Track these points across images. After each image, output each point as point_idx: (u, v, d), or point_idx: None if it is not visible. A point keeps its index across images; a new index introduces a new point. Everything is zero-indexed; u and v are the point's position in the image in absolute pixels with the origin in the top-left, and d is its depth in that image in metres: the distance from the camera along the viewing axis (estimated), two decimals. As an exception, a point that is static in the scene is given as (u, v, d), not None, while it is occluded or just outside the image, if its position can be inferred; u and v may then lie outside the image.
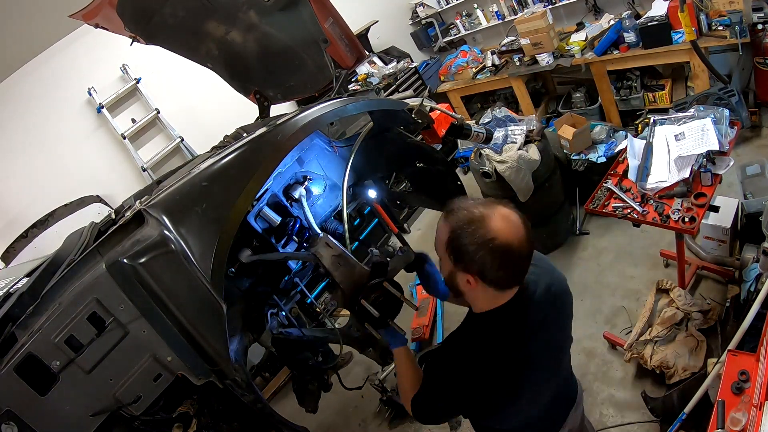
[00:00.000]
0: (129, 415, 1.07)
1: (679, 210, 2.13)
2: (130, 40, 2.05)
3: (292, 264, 1.63)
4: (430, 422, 1.33)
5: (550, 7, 4.35)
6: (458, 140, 4.36)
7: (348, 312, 1.63)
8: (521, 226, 1.02)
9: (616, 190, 2.36)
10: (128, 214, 1.15)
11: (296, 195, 1.55)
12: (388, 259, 1.39)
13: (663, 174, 2.27)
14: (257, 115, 2.30)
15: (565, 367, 1.38)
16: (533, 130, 3.10)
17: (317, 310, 1.79)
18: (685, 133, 2.28)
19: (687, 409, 1.84)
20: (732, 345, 1.72)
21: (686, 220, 2.08)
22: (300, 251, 1.58)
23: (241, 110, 2.76)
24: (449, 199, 1.12)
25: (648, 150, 2.37)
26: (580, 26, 4.33)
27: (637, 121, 3.27)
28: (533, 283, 1.16)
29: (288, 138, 1.26)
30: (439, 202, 2.05)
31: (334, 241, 1.41)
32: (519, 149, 2.97)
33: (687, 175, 2.18)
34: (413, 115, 1.62)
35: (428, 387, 1.22)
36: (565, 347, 1.33)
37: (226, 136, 2.08)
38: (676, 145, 2.28)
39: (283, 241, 1.54)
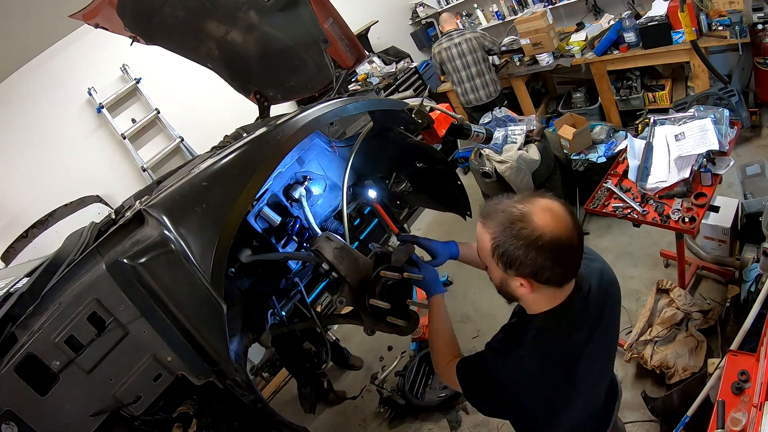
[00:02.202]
0: (129, 415, 1.07)
1: (679, 210, 2.13)
2: (130, 40, 2.05)
3: (292, 264, 1.62)
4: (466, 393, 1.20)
5: (550, 7, 4.36)
6: (458, 140, 4.36)
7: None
8: (565, 215, 0.95)
9: (616, 190, 2.36)
10: (128, 214, 1.15)
11: (296, 195, 1.55)
12: (391, 251, 1.39)
13: (663, 174, 2.27)
14: (257, 115, 2.30)
15: (613, 362, 1.33)
16: (533, 130, 3.10)
17: (317, 309, 1.79)
18: (685, 133, 2.28)
19: (690, 412, 1.84)
20: (733, 346, 1.72)
21: (686, 220, 2.08)
22: (300, 251, 1.58)
23: (241, 110, 2.76)
24: (490, 201, 1.04)
25: (648, 150, 2.37)
26: (580, 26, 4.34)
27: (637, 121, 3.27)
28: (586, 274, 1.09)
29: (288, 138, 1.25)
30: (439, 202, 2.05)
31: (335, 235, 1.40)
32: (519, 149, 2.97)
33: (687, 175, 2.18)
34: (413, 115, 1.62)
35: (480, 369, 1.13)
36: (617, 338, 1.26)
37: (226, 136, 2.08)
38: (676, 145, 2.28)
39: (283, 241, 1.54)
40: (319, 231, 1.52)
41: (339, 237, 1.40)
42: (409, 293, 1.35)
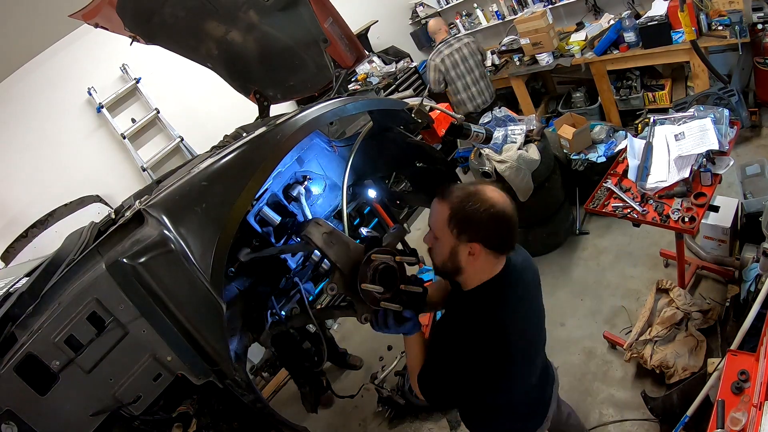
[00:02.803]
0: (129, 414, 1.07)
1: (679, 210, 2.13)
2: (130, 40, 2.05)
3: (292, 264, 1.63)
4: (437, 402, 1.41)
5: (550, 6, 4.35)
6: (458, 140, 4.36)
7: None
8: (508, 198, 1.17)
9: (616, 190, 2.36)
10: (128, 213, 1.15)
11: (296, 194, 1.55)
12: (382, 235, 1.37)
13: (663, 174, 2.27)
14: (257, 115, 2.30)
15: (545, 342, 1.46)
16: (533, 130, 3.10)
17: (318, 308, 1.78)
18: (685, 133, 2.28)
19: (689, 412, 1.83)
20: (733, 346, 1.72)
21: (686, 220, 2.08)
22: (292, 242, 1.56)
23: (241, 110, 2.76)
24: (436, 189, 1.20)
25: (648, 150, 2.37)
26: (580, 26, 4.33)
27: (637, 121, 3.27)
28: (513, 257, 1.26)
29: (288, 138, 1.25)
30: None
31: (324, 220, 1.38)
32: (519, 149, 2.97)
33: (687, 174, 2.18)
34: (413, 115, 1.62)
35: (433, 367, 1.26)
36: (542, 317, 1.39)
37: (226, 136, 2.08)
38: (676, 145, 2.28)
39: (282, 241, 1.54)
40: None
41: (328, 222, 1.37)
42: (403, 277, 1.31)
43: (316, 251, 1.38)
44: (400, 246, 1.48)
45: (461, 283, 1.24)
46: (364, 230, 1.49)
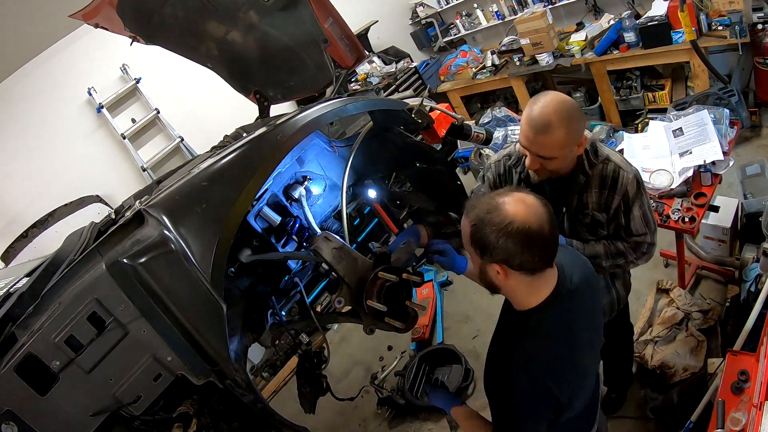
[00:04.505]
0: (129, 414, 1.07)
1: (679, 210, 2.13)
2: (130, 40, 2.05)
3: (292, 264, 1.62)
4: None
5: (550, 7, 4.35)
6: (458, 140, 4.36)
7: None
8: (539, 206, 1.02)
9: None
10: (128, 214, 1.15)
11: (296, 195, 1.55)
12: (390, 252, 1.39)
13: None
14: (257, 115, 2.30)
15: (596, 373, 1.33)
16: (533, 130, 3.09)
17: (317, 309, 1.78)
18: (683, 129, 2.28)
19: (693, 417, 1.83)
20: (735, 347, 1.73)
21: (686, 220, 2.08)
22: (300, 251, 1.58)
23: (242, 110, 2.76)
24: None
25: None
26: (580, 26, 4.33)
27: (637, 121, 3.27)
28: (568, 272, 1.14)
29: (288, 138, 1.25)
30: (440, 202, 2.05)
31: (334, 235, 1.41)
32: (519, 149, 2.97)
33: (687, 174, 2.19)
34: (413, 115, 1.62)
35: (505, 418, 1.14)
36: (601, 335, 1.27)
37: (226, 136, 2.08)
38: (674, 141, 2.28)
39: (282, 241, 1.54)
40: (318, 231, 1.52)
41: (338, 237, 1.40)
42: (408, 294, 1.36)
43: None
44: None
45: (510, 301, 1.17)
46: (373, 245, 1.51)
